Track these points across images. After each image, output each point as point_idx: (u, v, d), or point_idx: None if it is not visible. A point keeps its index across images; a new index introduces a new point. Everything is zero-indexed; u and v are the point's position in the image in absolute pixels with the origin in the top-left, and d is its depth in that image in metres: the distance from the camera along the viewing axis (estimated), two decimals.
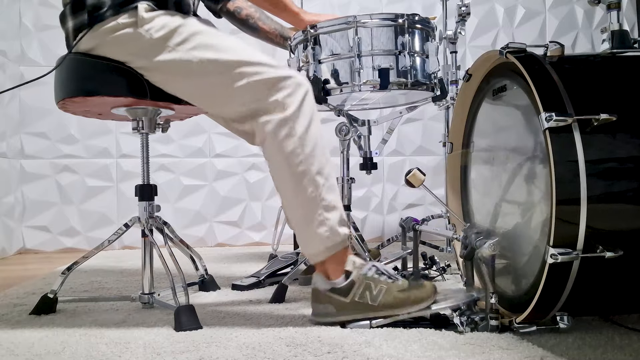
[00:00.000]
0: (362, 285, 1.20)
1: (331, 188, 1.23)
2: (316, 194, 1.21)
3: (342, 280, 1.22)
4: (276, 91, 1.21)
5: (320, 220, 1.21)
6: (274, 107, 1.21)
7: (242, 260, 2.41)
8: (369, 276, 1.21)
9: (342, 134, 1.70)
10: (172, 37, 1.24)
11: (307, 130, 1.21)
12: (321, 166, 1.22)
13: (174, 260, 1.35)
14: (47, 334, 1.19)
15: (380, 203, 3.21)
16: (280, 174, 1.24)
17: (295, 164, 1.20)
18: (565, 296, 1.04)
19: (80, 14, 1.26)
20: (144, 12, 1.23)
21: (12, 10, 2.90)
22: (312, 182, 1.21)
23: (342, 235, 1.23)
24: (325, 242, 1.21)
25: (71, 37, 1.30)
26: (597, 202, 1.00)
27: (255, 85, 1.22)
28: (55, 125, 2.93)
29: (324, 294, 1.22)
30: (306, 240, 1.25)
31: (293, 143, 1.20)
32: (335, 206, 1.23)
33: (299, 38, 1.65)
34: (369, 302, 1.19)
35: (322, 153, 1.23)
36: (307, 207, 1.22)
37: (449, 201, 1.54)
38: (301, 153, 1.20)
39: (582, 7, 3.39)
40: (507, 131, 1.26)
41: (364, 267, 1.22)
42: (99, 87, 1.29)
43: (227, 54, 1.24)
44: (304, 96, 1.23)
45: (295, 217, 1.25)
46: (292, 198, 1.24)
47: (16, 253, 2.86)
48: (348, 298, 1.20)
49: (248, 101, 1.23)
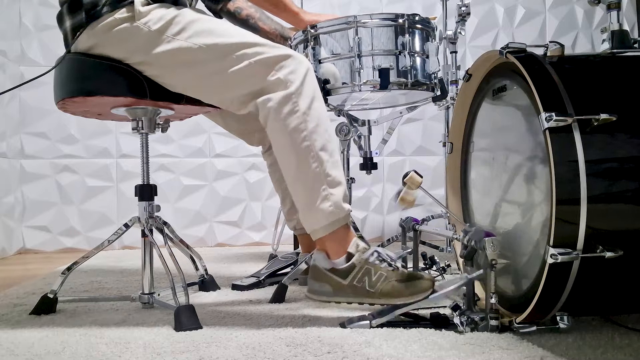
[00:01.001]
0: (362, 270, 1.20)
1: (335, 164, 1.24)
2: (320, 169, 1.21)
3: (342, 262, 1.22)
4: (278, 70, 1.22)
5: (324, 196, 1.21)
6: (277, 85, 1.22)
7: (242, 260, 2.41)
8: (370, 261, 1.21)
9: (342, 134, 1.70)
10: (170, 27, 1.25)
11: (310, 106, 1.22)
12: (325, 142, 1.23)
13: (174, 260, 1.34)
14: (47, 334, 1.19)
15: (380, 203, 3.21)
16: (284, 151, 1.24)
17: (299, 140, 1.21)
18: (565, 296, 1.04)
19: (77, 13, 1.27)
20: (140, 5, 1.25)
21: (12, 10, 2.90)
22: (317, 158, 1.21)
23: (345, 210, 1.23)
24: (329, 217, 1.22)
25: (69, 36, 1.30)
26: (597, 202, 1.00)
27: (256, 66, 1.23)
28: (55, 125, 2.93)
29: (323, 273, 1.22)
30: (309, 216, 1.25)
31: (297, 119, 1.20)
32: (340, 182, 1.24)
33: (299, 38, 1.65)
34: (366, 287, 1.19)
35: (325, 129, 1.24)
36: (312, 182, 1.22)
37: (449, 201, 1.53)
38: (305, 129, 1.21)
39: (582, 7, 3.39)
40: (507, 131, 1.26)
41: (366, 251, 1.22)
42: (99, 87, 1.29)
43: (226, 38, 1.25)
44: (305, 73, 1.24)
45: (299, 193, 1.25)
46: (296, 174, 1.24)
47: (16, 253, 2.86)
48: (346, 280, 1.20)
49: (250, 82, 1.24)
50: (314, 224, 1.24)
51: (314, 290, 1.24)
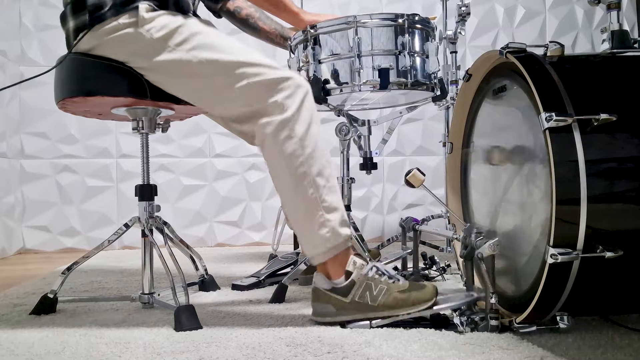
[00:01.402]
0: (363, 286, 1.20)
1: (332, 189, 1.23)
2: (317, 195, 1.21)
3: (342, 281, 1.22)
4: (276, 92, 1.21)
5: (321, 222, 1.21)
6: (274, 108, 1.21)
7: (242, 260, 2.41)
8: (370, 276, 1.21)
9: (342, 134, 1.70)
10: (173, 37, 1.24)
11: (307, 132, 1.21)
12: (321, 167, 1.22)
13: (174, 260, 1.34)
14: (47, 334, 1.19)
15: (380, 203, 3.21)
16: (281, 176, 1.24)
17: (295, 166, 1.20)
18: (565, 296, 1.04)
19: (81, 14, 1.26)
20: (144, 12, 1.23)
21: (12, 10, 2.90)
22: (313, 184, 1.21)
23: (343, 236, 1.23)
24: (327, 243, 1.21)
25: (72, 37, 1.30)
26: (597, 202, 1.00)
27: (255, 86, 1.22)
28: (55, 125, 2.93)
29: (324, 294, 1.22)
30: (307, 242, 1.25)
31: (293, 145, 1.20)
32: (337, 207, 1.23)
33: (299, 38, 1.65)
34: (369, 302, 1.19)
35: (322, 154, 1.23)
36: (308, 208, 1.21)
37: (449, 201, 1.53)
38: (301, 155, 1.20)
39: (582, 7, 3.39)
40: (507, 131, 1.26)
41: (364, 267, 1.22)
42: (99, 87, 1.29)
43: (228, 55, 1.24)
44: (303, 97, 1.23)
45: (296, 218, 1.25)
46: (292, 199, 1.23)
47: (16, 253, 2.86)
48: (348, 298, 1.20)
49: (248, 102, 1.23)
50: (312, 250, 1.24)
51: (318, 313, 1.24)
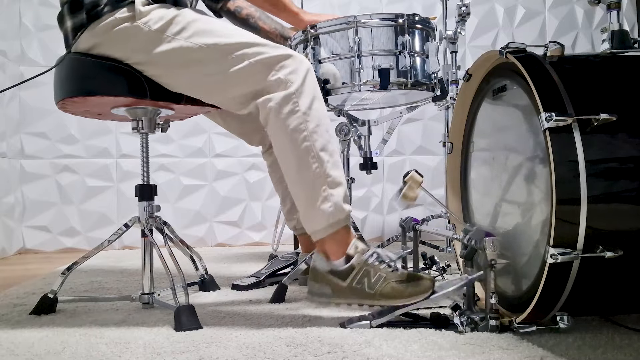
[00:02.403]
0: (362, 272, 1.20)
1: (336, 164, 1.24)
2: (321, 170, 1.21)
3: (341, 263, 1.22)
4: (278, 69, 1.22)
5: (324, 196, 1.21)
6: (277, 84, 1.22)
7: (242, 260, 2.41)
8: (369, 263, 1.21)
9: (342, 134, 1.70)
10: (170, 27, 1.25)
11: (310, 107, 1.22)
12: (325, 142, 1.22)
13: (174, 260, 1.34)
14: (47, 334, 1.19)
15: (380, 203, 3.21)
16: (285, 151, 1.24)
17: (299, 140, 1.21)
18: (565, 296, 1.04)
19: (78, 13, 1.27)
20: (140, 5, 1.25)
21: (12, 10, 2.90)
22: (317, 158, 1.21)
23: (346, 211, 1.23)
24: (329, 218, 1.21)
25: (70, 36, 1.30)
26: (597, 202, 1.00)
27: (257, 65, 1.23)
28: (55, 125, 2.93)
29: (322, 275, 1.22)
30: (310, 217, 1.24)
31: (297, 119, 1.20)
32: (340, 182, 1.23)
33: (299, 38, 1.65)
34: (365, 289, 1.19)
35: (326, 129, 1.24)
36: (312, 183, 1.22)
37: (449, 201, 1.53)
38: (305, 129, 1.20)
39: (582, 7, 3.39)
40: (507, 131, 1.26)
41: (365, 252, 1.22)
42: (99, 87, 1.29)
43: (226, 38, 1.25)
44: (306, 73, 1.24)
45: (299, 193, 1.25)
46: (296, 174, 1.24)
47: (16, 253, 2.86)
48: (346, 282, 1.20)
49: (251, 82, 1.24)
50: (314, 224, 1.24)
51: (313, 292, 1.24)
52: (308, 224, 1.26)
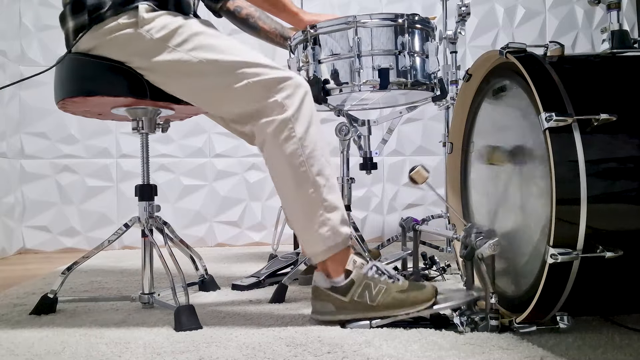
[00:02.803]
0: (362, 285, 1.20)
1: (332, 188, 1.24)
2: (317, 194, 1.21)
3: (342, 279, 1.22)
4: (276, 92, 1.21)
5: (321, 221, 1.21)
6: (274, 108, 1.21)
7: (242, 260, 2.41)
8: (369, 276, 1.21)
9: (342, 134, 1.70)
10: (173, 37, 1.24)
11: (306, 132, 1.22)
12: (321, 167, 1.22)
13: (174, 260, 1.35)
14: (47, 334, 1.19)
15: (380, 203, 3.21)
16: (281, 176, 1.24)
17: (295, 166, 1.21)
18: (565, 296, 1.04)
19: (80, 15, 1.26)
20: (144, 12, 1.24)
21: (12, 10, 2.90)
22: (313, 183, 1.21)
23: (343, 235, 1.23)
24: (327, 242, 1.22)
25: (71, 37, 1.30)
26: (597, 202, 1.00)
27: (255, 87, 1.22)
28: (55, 125, 2.93)
29: (324, 293, 1.23)
30: (308, 241, 1.25)
31: (293, 144, 1.20)
32: (337, 206, 1.23)
33: (299, 38, 1.65)
34: (367, 302, 1.19)
35: (322, 154, 1.23)
36: (308, 207, 1.22)
37: (449, 201, 1.53)
38: (301, 154, 1.20)
39: (582, 7, 3.39)
40: (507, 131, 1.26)
41: (364, 266, 1.22)
42: (99, 87, 1.29)
43: (228, 55, 1.24)
44: (303, 97, 1.23)
45: (296, 217, 1.26)
46: (293, 199, 1.24)
47: (16, 253, 2.86)
48: (347, 297, 1.20)
49: (248, 102, 1.23)
50: (313, 248, 1.24)
51: (317, 311, 1.25)
52: (307, 248, 1.26)
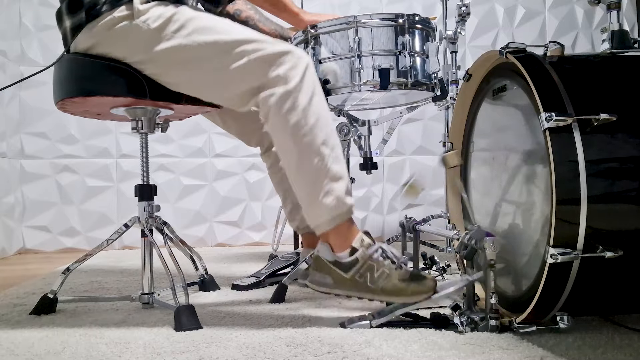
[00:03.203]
0: (365, 265, 1.20)
1: (337, 158, 1.24)
2: (322, 164, 1.22)
3: (346, 255, 1.22)
4: (277, 66, 1.22)
5: (326, 190, 1.22)
6: (276, 81, 1.22)
7: (242, 260, 2.41)
8: (374, 258, 1.21)
9: (342, 134, 1.70)
10: (169, 25, 1.25)
11: (310, 102, 1.22)
12: (326, 137, 1.23)
13: (173, 260, 1.34)
14: (47, 334, 1.19)
15: (380, 203, 3.21)
16: (286, 147, 1.25)
17: (300, 136, 1.21)
18: (565, 296, 1.04)
19: (77, 13, 1.27)
20: (139, 4, 1.25)
21: (12, 10, 2.90)
22: (318, 153, 1.21)
23: (348, 204, 1.23)
24: (332, 212, 1.22)
25: (69, 36, 1.30)
26: (597, 202, 1.00)
27: (256, 62, 1.23)
28: (55, 125, 2.93)
29: (326, 265, 1.23)
30: (312, 211, 1.25)
31: (297, 115, 1.21)
32: (342, 176, 1.24)
33: (299, 38, 1.65)
34: (367, 283, 1.19)
35: (326, 124, 1.24)
36: (314, 177, 1.22)
37: (449, 201, 1.53)
38: (305, 125, 1.21)
39: (582, 7, 3.39)
40: (507, 131, 1.26)
41: (371, 247, 1.22)
42: (98, 87, 1.29)
43: (226, 35, 1.25)
44: (305, 69, 1.24)
45: (301, 188, 1.26)
46: (298, 169, 1.24)
47: (16, 253, 2.86)
48: (348, 274, 1.20)
49: (250, 79, 1.24)
50: (317, 218, 1.24)
51: (314, 281, 1.25)
52: (311, 218, 1.26)
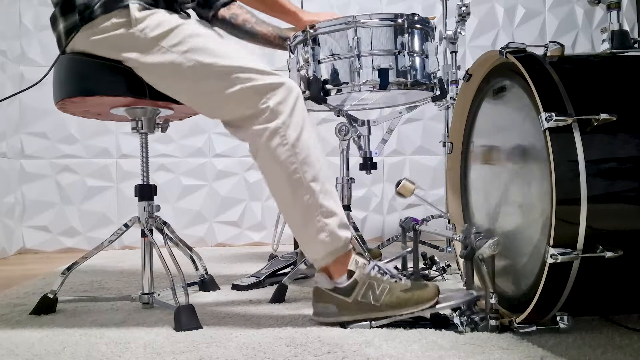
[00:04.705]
0: (365, 285, 1.20)
1: (328, 193, 1.23)
2: (313, 200, 1.21)
3: (344, 280, 1.22)
4: (267, 98, 1.21)
5: (319, 227, 1.21)
6: (265, 113, 1.21)
7: (242, 260, 2.41)
8: (372, 276, 1.21)
9: (341, 134, 1.70)
10: (167, 37, 1.23)
11: (299, 138, 1.21)
12: (316, 173, 1.22)
13: (173, 260, 1.35)
14: (47, 334, 1.19)
15: (380, 203, 3.21)
16: (276, 183, 1.24)
17: (289, 172, 1.20)
18: (565, 296, 1.04)
19: (71, 15, 1.25)
20: (136, 11, 1.23)
21: (12, 10, 2.90)
22: (308, 190, 1.21)
23: (343, 239, 1.23)
24: (327, 247, 1.22)
25: (63, 39, 1.29)
26: (597, 202, 1.00)
27: (247, 92, 1.21)
28: (55, 125, 2.93)
29: (327, 294, 1.22)
30: (308, 247, 1.25)
31: (286, 151, 1.20)
32: (334, 211, 1.23)
33: (299, 38, 1.65)
34: (371, 302, 1.19)
35: (316, 159, 1.23)
36: (305, 214, 1.22)
37: (449, 201, 1.53)
38: (295, 161, 1.20)
39: (582, 7, 3.39)
40: (507, 131, 1.26)
41: (366, 266, 1.22)
42: (98, 86, 1.29)
43: (222, 59, 1.23)
44: (294, 103, 1.23)
45: (294, 224, 1.26)
46: (289, 206, 1.24)
47: (16, 253, 2.86)
48: (350, 298, 1.20)
49: (240, 107, 1.23)
50: (313, 254, 1.24)
51: (319, 313, 1.24)
52: (307, 253, 1.27)
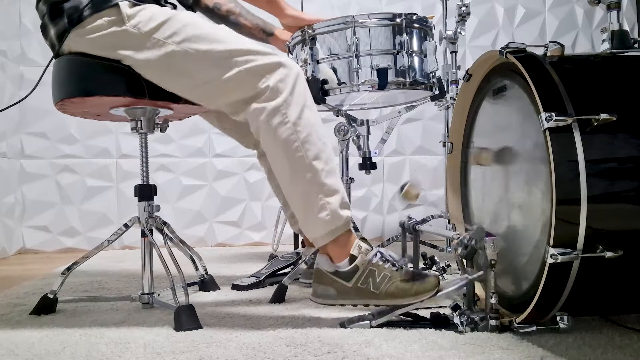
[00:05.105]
0: (366, 272, 1.20)
1: (330, 172, 1.23)
2: (315, 179, 1.21)
3: (346, 264, 1.22)
4: (267, 78, 1.21)
5: (321, 205, 1.21)
6: (265, 93, 1.21)
7: (242, 260, 2.41)
8: (374, 262, 1.21)
9: (341, 133, 1.70)
10: (161, 29, 1.24)
11: (300, 116, 1.21)
12: (318, 150, 1.22)
13: (173, 260, 1.35)
14: (47, 334, 1.19)
15: (380, 203, 3.21)
16: (278, 162, 1.24)
17: (291, 151, 1.20)
18: (565, 296, 1.04)
19: (59, 19, 1.26)
20: (127, 8, 1.23)
21: (12, 10, 2.90)
22: (310, 168, 1.21)
23: (344, 218, 1.23)
24: (328, 226, 1.21)
25: (56, 44, 1.29)
26: (597, 202, 1.00)
27: (246, 74, 1.22)
28: (55, 125, 2.93)
29: (327, 276, 1.22)
30: (309, 226, 1.25)
31: (287, 130, 1.20)
32: (336, 190, 1.23)
33: (297, 39, 1.65)
34: (371, 289, 1.19)
35: (318, 137, 1.23)
36: (307, 192, 1.22)
37: (449, 201, 1.53)
38: (296, 139, 1.20)
39: (582, 7, 3.39)
40: (507, 131, 1.26)
41: (369, 252, 1.22)
42: (97, 87, 1.29)
43: (218, 45, 1.24)
44: (295, 81, 1.23)
45: (296, 202, 1.26)
46: (291, 184, 1.24)
47: (16, 253, 2.86)
48: (350, 283, 1.20)
49: (240, 90, 1.23)
50: (313, 233, 1.24)
51: (317, 294, 1.24)
52: (308, 232, 1.26)
